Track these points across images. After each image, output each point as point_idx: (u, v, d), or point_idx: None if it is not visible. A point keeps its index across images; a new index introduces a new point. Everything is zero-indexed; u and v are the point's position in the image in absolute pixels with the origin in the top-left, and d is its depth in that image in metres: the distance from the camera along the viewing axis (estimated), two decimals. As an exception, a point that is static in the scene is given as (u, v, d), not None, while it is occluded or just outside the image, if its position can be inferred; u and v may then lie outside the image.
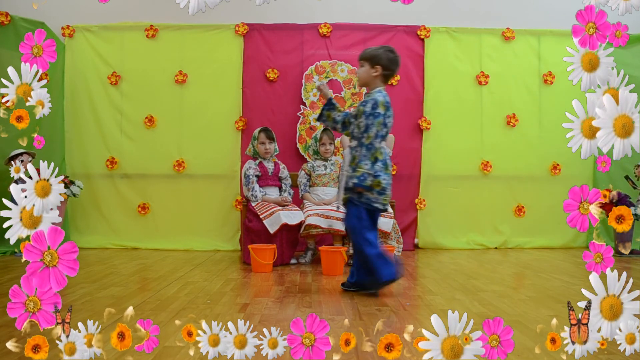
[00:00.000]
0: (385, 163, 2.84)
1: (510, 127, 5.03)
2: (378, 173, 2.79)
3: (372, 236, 2.85)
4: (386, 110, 2.84)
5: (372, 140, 2.81)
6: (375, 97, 2.84)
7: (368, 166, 2.78)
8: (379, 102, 2.82)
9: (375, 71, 2.89)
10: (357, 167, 2.80)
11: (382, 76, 2.91)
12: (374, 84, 2.91)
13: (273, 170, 4.13)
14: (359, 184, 2.77)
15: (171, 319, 2.25)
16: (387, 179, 2.84)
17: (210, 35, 4.93)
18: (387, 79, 2.95)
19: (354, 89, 4.91)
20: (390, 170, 2.88)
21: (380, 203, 2.85)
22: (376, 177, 2.78)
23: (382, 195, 2.83)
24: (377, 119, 2.80)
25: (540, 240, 4.99)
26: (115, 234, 4.82)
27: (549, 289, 3.03)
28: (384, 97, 2.85)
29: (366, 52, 2.95)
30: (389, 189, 2.88)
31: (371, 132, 2.80)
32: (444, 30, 5.02)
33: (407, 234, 4.85)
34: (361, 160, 2.80)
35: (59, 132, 4.82)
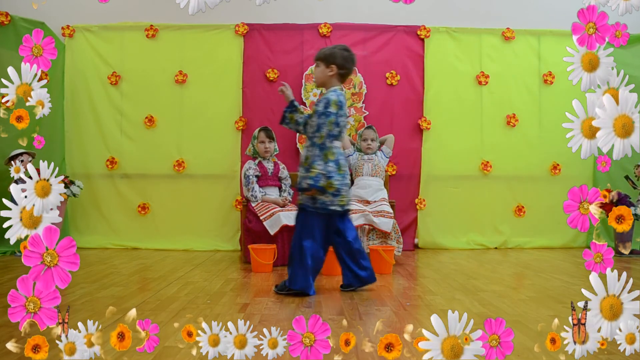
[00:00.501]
0: (338, 163, 2.81)
1: (510, 127, 5.03)
2: (331, 174, 2.77)
3: (309, 244, 2.81)
4: (339, 110, 2.81)
5: (324, 139, 2.78)
6: (328, 97, 2.84)
7: (321, 166, 2.76)
8: (331, 101, 2.81)
9: (330, 70, 2.89)
10: (310, 167, 2.77)
11: (338, 75, 2.91)
12: (330, 83, 2.92)
13: (273, 170, 4.13)
14: (313, 185, 2.74)
15: (171, 319, 2.25)
16: (340, 180, 2.81)
17: (210, 35, 4.93)
18: (343, 78, 2.95)
19: (354, 89, 4.91)
20: (344, 171, 2.85)
21: (338, 205, 2.82)
22: (329, 178, 2.76)
23: (338, 196, 2.81)
24: (328, 118, 2.78)
25: (540, 240, 4.99)
26: (115, 234, 4.82)
27: (549, 289, 3.03)
28: (337, 96, 2.84)
29: (321, 52, 2.96)
30: (345, 190, 2.85)
31: (323, 131, 2.79)
32: (444, 30, 5.02)
33: (407, 234, 4.85)
34: (314, 161, 2.77)
35: (59, 132, 4.82)
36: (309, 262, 2.80)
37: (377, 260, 3.59)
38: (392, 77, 4.95)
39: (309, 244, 2.81)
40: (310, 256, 2.80)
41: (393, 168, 4.89)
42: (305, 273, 2.79)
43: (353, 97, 4.90)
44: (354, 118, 4.89)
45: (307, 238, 2.81)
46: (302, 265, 2.80)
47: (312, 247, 2.81)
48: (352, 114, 4.90)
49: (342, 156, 2.86)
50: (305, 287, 2.79)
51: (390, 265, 3.60)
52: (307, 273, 2.79)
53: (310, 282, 2.80)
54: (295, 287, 2.79)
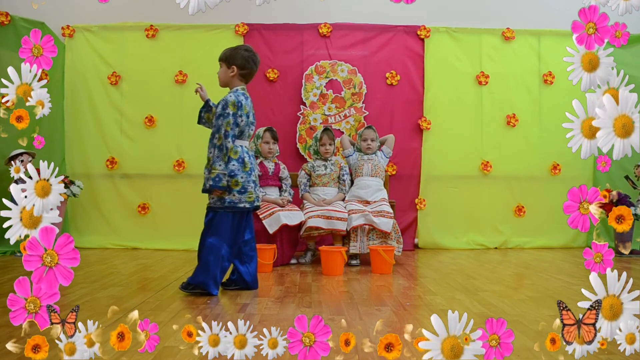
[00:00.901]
0: (243, 161, 2.84)
1: (510, 127, 5.03)
2: (234, 172, 2.79)
3: (215, 241, 2.80)
4: (237, 110, 2.83)
5: (224, 140, 2.80)
6: (226, 98, 2.85)
7: (222, 167, 2.77)
8: (229, 102, 2.83)
9: (231, 71, 2.92)
10: (211, 168, 2.79)
11: (239, 75, 2.93)
12: (232, 83, 2.94)
13: (273, 171, 4.13)
14: (214, 186, 2.75)
15: (171, 319, 2.26)
16: (245, 177, 2.83)
17: (210, 35, 4.93)
18: (245, 78, 2.98)
19: (354, 89, 4.91)
20: (249, 168, 2.86)
21: (246, 202, 2.84)
22: (233, 177, 2.78)
23: (244, 194, 2.83)
24: (226, 119, 2.80)
25: (540, 240, 4.99)
26: (115, 234, 4.82)
27: (549, 289, 3.03)
28: (236, 96, 2.86)
29: (223, 53, 2.97)
30: (251, 187, 2.86)
31: (221, 132, 2.80)
32: (444, 30, 5.02)
33: (407, 234, 4.85)
34: (215, 162, 2.78)
35: (59, 132, 4.82)
36: (211, 260, 2.79)
37: (377, 260, 3.60)
38: (392, 77, 4.95)
39: (214, 241, 2.80)
40: (214, 254, 2.80)
41: (393, 168, 4.89)
42: (206, 270, 2.78)
43: (353, 97, 4.90)
44: (354, 118, 4.89)
45: (213, 235, 2.81)
46: (204, 261, 2.79)
47: (216, 245, 2.81)
48: (352, 114, 4.90)
49: (247, 154, 2.88)
50: (204, 284, 2.77)
51: (390, 265, 3.60)
52: (208, 270, 2.77)
53: (209, 279, 2.77)
54: (194, 281, 2.78)
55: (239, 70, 2.92)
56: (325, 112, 4.88)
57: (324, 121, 4.86)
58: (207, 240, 2.82)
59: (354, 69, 4.92)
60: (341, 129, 4.87)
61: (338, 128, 4.86)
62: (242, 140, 2.88)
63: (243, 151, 2.86)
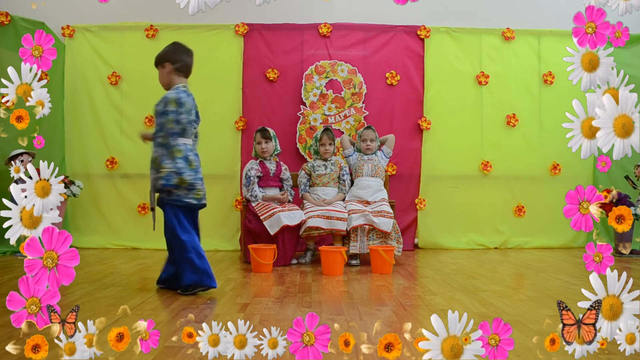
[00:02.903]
0: (188, 159, 2.84)
1: (510, 127, 5.03)
2: (181, 170, 2.80)
3: (187, 237, 2.81)
4: (178, 107, 2.82)
5: (168, 138, 2.80)
6: (167, 95, 2.86)
7: (170, 164, 2.78)
8: (169, 99, 2.83)
9: (165, 69, 2.92)
10: (160, 167, 2.79)
11: (175, 71, 2.93)
12: (172, 82, 2.94)
13: (275, 171, 4.13)
14: (166, 184, 2.77)
15: (171, 319, 2.26)
16: (192, 175, 2.84)
17: (210, 35, 4.93)
18: (183, 72, 2.96)
19: (354, 89, 4.91)
20: (195, 166, 2.87)
21: (193, 198, 2.84)
22: (180, 175, 2.79)
23: (193, 190, 2.83)
24: (167, 117, 2.80)
25: (540, 240, 4.99)
26: (115, 234, 4.82)
27: (549, 289, 3.03)
28: (177, 94, 2.85)
29: (155, 59, 2.98)
30: (199, 184, 2.87)
31: (165, 130, 2.81)
32: (444, 30, 5.02)
33: (407, 234, 4.85)
34: (162, 160, 2.79)
35: (59, 132, 4.82)
36: (192, 255, 2.78)
37: (377, 260, 3.59)
38: (392, 77, 4.95)
39: (185, 236, 2.80)
40: (192, 248, 2.79)
41: (393, 168, 4.89)
42: (192, 267, 2.76)
43: (353, 97, 4.90)
44: (354, 118, 4.89)
45: (181, 230, 2.80)
46: (186, 260, 2.77)
47: (189, 237, 2.81)
48: (352, 114, 4.90)
49: (190, 152, 2.88)
50: (196, 281, 2.76)
51: (390, 265, 3.60)
52: (193, 265, 2.76)
53: (201, 275, 2.76)
54: (187, 282, 2.77)
55: (172, 65, 2.91)
56: (325, 112, 4.88)
57: (324, 121, 4.86)
58: (181, 237, 2.79)
59: (354, 69, 4.92)
60: (341, 129, 4.87)
61: (338, 128, 4.86)
62: (184, 138, 2.86)
63: (187, 149, 2.85)
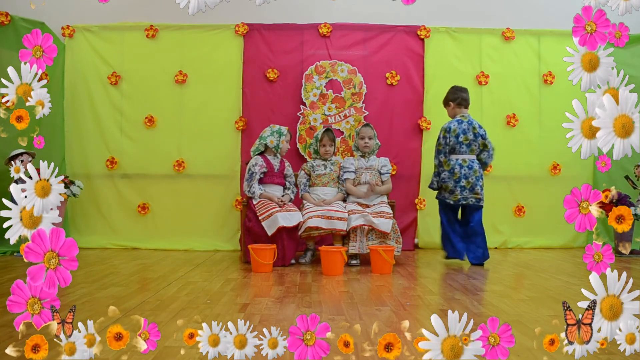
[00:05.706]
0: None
1: (510, 127, 5.02)
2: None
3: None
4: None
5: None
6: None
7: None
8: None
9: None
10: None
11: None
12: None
13: (279, 168, 4.14)
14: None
15: (171, 319, 2.25)
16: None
17: (210, 35, 4.93)
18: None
19: (354, 89, 4.91)
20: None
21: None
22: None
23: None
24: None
25: (540, 240, 4.99)
26: (115, 234, 4.82)
27: (549, 289, 3.03)
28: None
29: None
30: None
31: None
32: (444, 30, 5.02)
33: (407, 234, 4.85)
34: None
35: (59, 132, 4.82)
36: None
37: (377, 260, 3.59)
38: (392, 77, 4.95)
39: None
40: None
41: (393, 168, 4.89)
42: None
43: (353, 97, 4.90)
44: (354, 118, 4.89)
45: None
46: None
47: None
48: (352, 114, 4.90)
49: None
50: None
51: (390, 265, 3.60)
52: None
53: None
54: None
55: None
56: (325, 112, 4.88)
57: (324, 121, 4.86)
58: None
59: (354, 69, 4.92)
60: (341, 129, 4.87)
61: (338, 128, 4.86)
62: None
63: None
